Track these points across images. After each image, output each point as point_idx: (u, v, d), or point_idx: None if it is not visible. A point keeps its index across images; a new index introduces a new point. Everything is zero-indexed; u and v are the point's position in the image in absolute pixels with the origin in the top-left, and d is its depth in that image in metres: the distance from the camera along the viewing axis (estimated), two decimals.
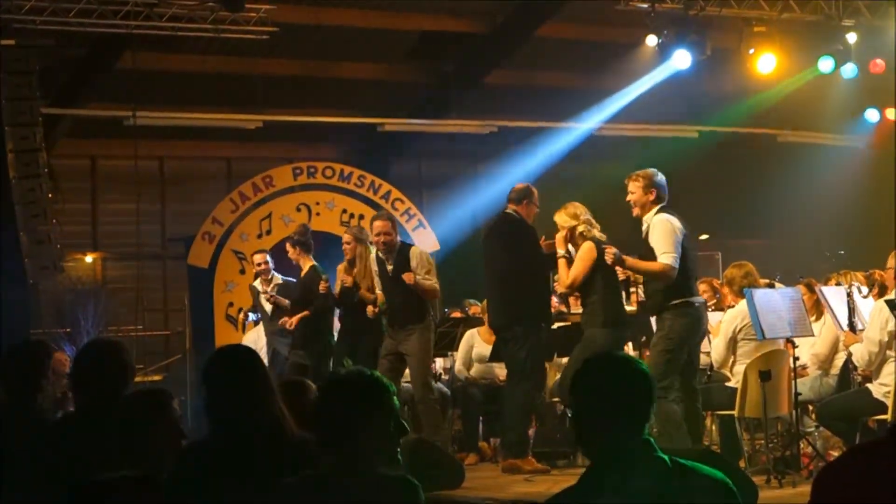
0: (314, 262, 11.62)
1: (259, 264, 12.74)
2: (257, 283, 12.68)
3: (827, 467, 2.60)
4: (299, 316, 11.43)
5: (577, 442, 3.56)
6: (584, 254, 9.28)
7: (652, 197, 8.54)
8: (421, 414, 10.06)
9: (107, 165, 17.89)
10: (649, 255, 8.45)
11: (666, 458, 3.34)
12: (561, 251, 9.39)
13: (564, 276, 9.35)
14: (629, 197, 8.63)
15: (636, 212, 8.63)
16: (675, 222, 8.44)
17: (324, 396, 3.90)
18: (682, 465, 3.32)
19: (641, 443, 3.31)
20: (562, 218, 9.46)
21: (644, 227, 8.59)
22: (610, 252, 8.63)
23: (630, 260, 8.64)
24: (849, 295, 8.93)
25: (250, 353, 4.69)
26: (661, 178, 8.64)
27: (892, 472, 2.03)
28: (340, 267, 10.97)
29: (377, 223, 10.35)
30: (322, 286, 11.04)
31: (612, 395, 3.33)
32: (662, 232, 8.39)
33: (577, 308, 10.45)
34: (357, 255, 10.78)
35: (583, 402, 3.40)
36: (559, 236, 9.42)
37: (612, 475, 3.19)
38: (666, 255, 8.33)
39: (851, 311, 8.89)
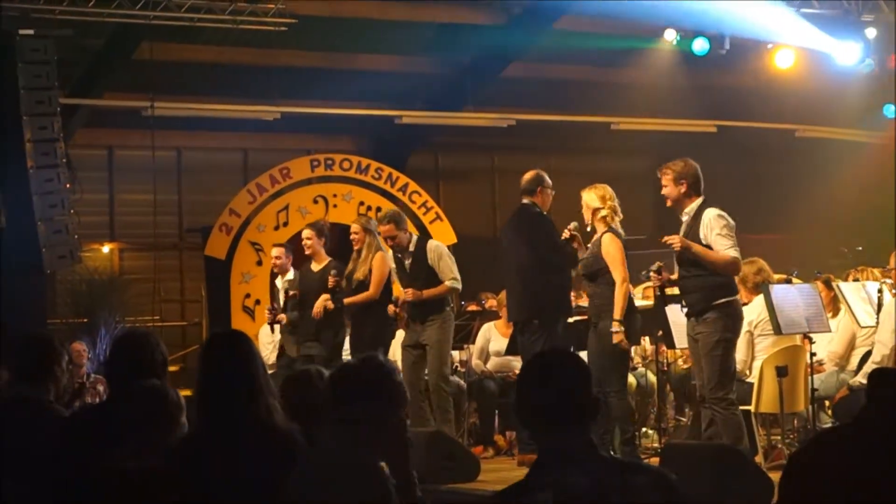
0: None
1: (276, 257, 12.07)
2: (278, 282, 12.18)
3: (794, 456, 2.63)
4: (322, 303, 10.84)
5: (530, 439, 3.62)
6: (618, 249, 9.01)
7: (683, 188, 8.21)
8: (433, 403, 10.10)
9: (124, 156, 17.88)
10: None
11: (607, 456, 3.47)
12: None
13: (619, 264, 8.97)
14: (663, 190, 8.33)
15: (669, 204, 8.34)
16: (728, 217, 8.15)
17: (334, 381, 4.05)
18: (623, 463, 3.45)
19: (584, 442, 3.37)
20: (590, 196, 9.18)
21: (684, 220, 8.28)
22: (678, 241, 8.11)
23: (697, 247, 8.07)
24: (879, 291, 8.88)
25: (245, 339, 4.72)
26: (691, 168, 8.29)
27: (850, 458, 2.07)
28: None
29: (381, 227, 10.40)
30: (331, 281, 10.85)
31: (555, 392, 3.38)
32: (722, 227, 8.08)
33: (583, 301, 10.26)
34: (365, 245, 10.70)
35: (526, 399, 3.44)
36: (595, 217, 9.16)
37: (553, 473, 3.27)
38: (732, 248, 8.03)
39: (880, 307, 8.83)
